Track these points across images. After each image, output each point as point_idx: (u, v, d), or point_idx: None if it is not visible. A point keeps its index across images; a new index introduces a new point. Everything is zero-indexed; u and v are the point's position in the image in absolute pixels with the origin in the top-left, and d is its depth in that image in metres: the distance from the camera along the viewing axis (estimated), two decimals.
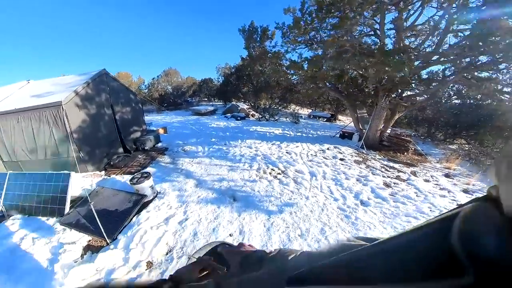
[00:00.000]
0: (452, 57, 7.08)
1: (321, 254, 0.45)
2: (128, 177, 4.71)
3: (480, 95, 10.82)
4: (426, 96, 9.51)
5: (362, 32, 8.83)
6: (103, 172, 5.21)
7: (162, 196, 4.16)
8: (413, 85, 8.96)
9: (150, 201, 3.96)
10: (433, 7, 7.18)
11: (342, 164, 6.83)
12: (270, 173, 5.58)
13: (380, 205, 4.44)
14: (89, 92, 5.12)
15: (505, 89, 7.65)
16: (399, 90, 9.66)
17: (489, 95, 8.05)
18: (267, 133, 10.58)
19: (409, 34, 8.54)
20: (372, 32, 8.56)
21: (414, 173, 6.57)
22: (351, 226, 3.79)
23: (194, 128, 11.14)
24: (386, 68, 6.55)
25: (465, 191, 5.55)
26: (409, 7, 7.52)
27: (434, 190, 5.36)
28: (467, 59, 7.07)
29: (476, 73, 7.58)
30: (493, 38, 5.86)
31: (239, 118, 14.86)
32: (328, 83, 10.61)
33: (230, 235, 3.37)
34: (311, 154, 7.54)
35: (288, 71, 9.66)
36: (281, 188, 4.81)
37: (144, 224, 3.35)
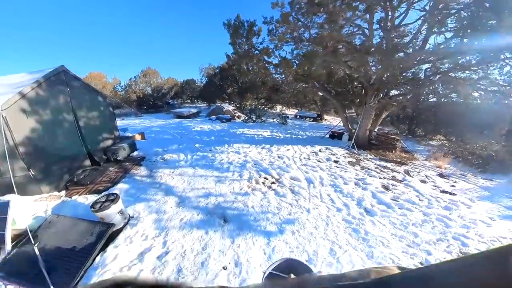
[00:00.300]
0: (437, 57, 7.25)
1: None
2: (95, 197, 3.89)
3: (461, 94, 11.37)
4: (409, 95, 9.71)
5: (349, 31, 8.63)
6: (63, 192, 4.29)
7: (135, 222, 3.37)
8: (403, 84, 9.04)
9: (120, 230, 3.17)
10: (416, 9, 7.33)
11: (337, 167, 6.49)
12: (263, 183, 4.96)
13: (386, 213, 4.07)
14: (41, 94, 4.19)
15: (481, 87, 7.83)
16: (386, 90, 9.71)
17: (467, 94, 8.30)
18: (255, 136, 9.97)
19: (393, 35, 8.41)
20: (360, 32, 8.35)
21: (407, 173, 6.53)
22: (363, 243, 3.30)
23: (175, 133, 10.27)
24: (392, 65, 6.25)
25: (470, 200, 5.29)
26: (397, 9, 7.50)
27: (436, 194, 5.12)
28: (451, 60, 7.26)
29: (459, 73, 7.79)
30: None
31: (224, 120, 14.11)
32: (317, 83, 10.26)
33: (224, 268, 2.71)
34: (304, 158, 7.06)
35: (276, 70, 9.17)
36: (278, 201, 4.21)
37: (112, 265, 2.59)
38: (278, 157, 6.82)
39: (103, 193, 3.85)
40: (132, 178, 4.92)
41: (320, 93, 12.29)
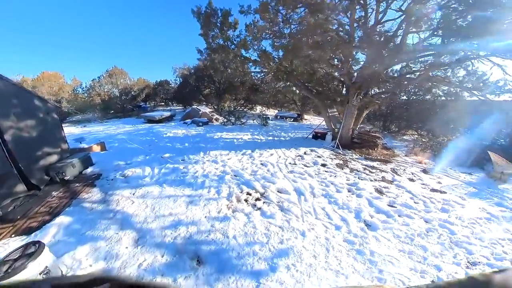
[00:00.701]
0: (416, 56, 7.37)
1: None
2: (24, 240, 2.89)
3: (431, 92, 11.99)
4: (389, 94, 9.85)
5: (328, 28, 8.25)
6: None
7: None
8: (385, 82, 9.05)
9: None
10: (392, 9, 7.44)
11: (325, 171, 5.98)
12: (246, 200, 4.18)
13: (388, 224, 3.66)
14: None
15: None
16: (368, 88, 9.65)
17: (441, 91, 8.59)
18: (235, 140, 9.16)
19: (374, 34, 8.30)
20: (341, 29, 7.98)
21: (395, 171, 6.46)
22: (370, 267, 2.79)
23: (143, 140, 9.13)
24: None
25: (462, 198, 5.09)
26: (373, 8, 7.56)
27: (428, 194, 5.00)
28: (431, 58, 7.42)
29: (436, 72, 7.99)
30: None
31: (200, 124, 13.08)
32: (298, 82, 9.72)
33: None
34: (290, 163, 6.42)
35: (255, 66, 8.41)
36: (266, 225, 3.46)
37: None
38: (261, 164, 6.09)
39: (30, 236, 2.82)
40: (80, 205, 3.86)
41: (301, 92, 11.96)
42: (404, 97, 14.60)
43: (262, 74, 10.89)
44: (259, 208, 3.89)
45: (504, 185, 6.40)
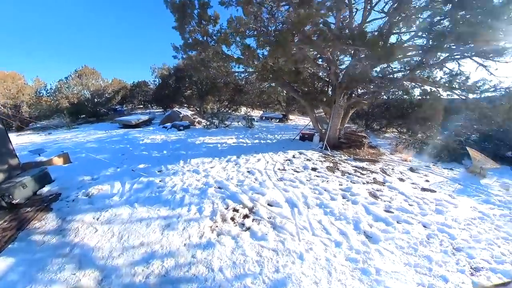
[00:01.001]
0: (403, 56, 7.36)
1: None
2: None
3: (417, 91, 12.34)
4: (374, 93, 9.87)
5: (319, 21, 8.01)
6: None
7: None
8: (371, 82, 9.03)
9: None
10: (375, 10, 7.53)
11: (317, 176, 5.64)
12: (233, 219, 3.67)
13: (388, 234, 3.42)
14: None
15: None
16: (355, 88, 9.60)
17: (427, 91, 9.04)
18: (219, 145, 8.59)
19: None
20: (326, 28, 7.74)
21: (384, 172, 6.46)
22: None
23: (116, 149, 8.30)
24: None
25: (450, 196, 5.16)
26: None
27: (420, 194, 4.97)
28: (416, 59, 7.39)
29: (420, 72, 8.08)
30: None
31: (181, 128, 12.31)
32: (284, 82, 9.33)
33: None
34: (279, 169, 6.00)
35: (238, 67, 7.85)
36: (258, 250, 2.98)
37: None
38: (248, 172, 5.60)
39: None
40: (28, 239, 3.14)
41: (287, 93, 11.72)
42: (384, 97, 15.07)
43: (246, 74, 10.42)
44: (248, 228, 3.40)
45: (485, 180, 6.69)
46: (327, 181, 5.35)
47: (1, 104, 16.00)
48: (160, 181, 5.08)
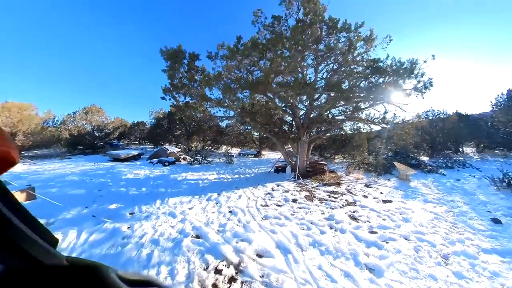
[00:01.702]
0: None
1: None
2: None
3: (343, 129, 13.24)
4: (328, 130, 10.23)
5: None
6: None
7: None
8: (324, 122, 9.42)
9: None
10: (307, 65, 7.92)
11: (299, 208, 4.54)
12: (215, 286, 2.16)
13: (386, 260, 2.67)
14: None
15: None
16: (314, 128, 9.77)
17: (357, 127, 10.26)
18: (200, 181, 6.95)
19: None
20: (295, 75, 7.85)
21: (350, 192, 6.00)
22: None
23: (96, 183, 6.20)
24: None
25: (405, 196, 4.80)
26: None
27: (384, 207, 4.71)
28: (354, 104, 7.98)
29: (358, 113, 8.73)
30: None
31: (167, 164, 10.41)
32: (259, 124, 8.70)
33: None
34: (261, 205, 4.64)
35: (219, 110, 7.02)
36: None
37: None
38: (230, 212, 4.12)
39: None
40: None
41: (261, 133, 11.50)
42: (332, 133, 16.24)
43: (228, 122, 10.00)
44: None
45: (412, 183, 6.96)
46: (310, 212, 4.29)
47: None
48: (128, 228, 3.35)
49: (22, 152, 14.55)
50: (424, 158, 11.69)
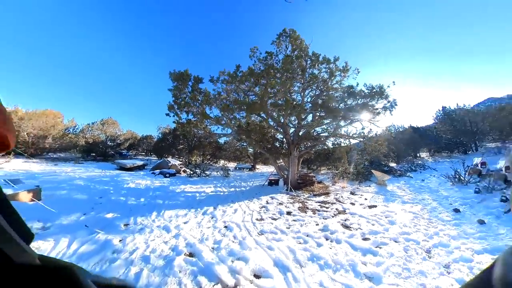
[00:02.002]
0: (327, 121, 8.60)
1: None
2: None
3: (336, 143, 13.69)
4: (314, 146, 10.70)
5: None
6: None
7: None
8: (311, 139, 9.70)
9: None
10: (291, 92, 8.26)
11: (294, 220, 4.23)
12: None
13: (382, 266, 2.50)
14: None
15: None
16: (303, 144, 9.93)
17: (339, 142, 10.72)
18: (197, 194, 6.50)
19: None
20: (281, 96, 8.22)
21: (338, 200, 5.85)
22: None
23: (99, 190, 5.68)
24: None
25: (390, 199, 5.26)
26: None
27: (371, 212, 4.60)
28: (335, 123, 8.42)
29: (339, 130, 9.03)
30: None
31: (167, 175, 9.94)
32: (253, 140, 8.70)
33: None
34: (257, 219, 4.30)
35: (217, 128, 7.01)
36: None
37: None
38: (225, 228, 3.75)
39: None
40: None
41: (256, 149, 11.61)
42: (318, 147, 16.83)
43: (226, 138, 10.05)
44: None
45: (389, 187, 7.01)
46: (305, 223, 4.01)
47: (27, 133, 13.00)
48: (120, 241, 2.96)
49: (49, 154, 14.94)
50: (393, 164, 12.35)
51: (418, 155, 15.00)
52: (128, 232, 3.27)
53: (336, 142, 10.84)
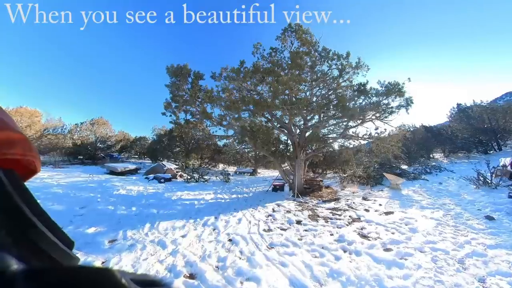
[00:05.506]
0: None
1: None
2: None
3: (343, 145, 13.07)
4: (322, 148, 9.80)
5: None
6: None
7: None
8: (317, 141, 8.93)
9: None
10: (300, 90, 7.72)
11: (305, 230, 3.85)
12: None
13: (410, 279, 2.27)
14: None
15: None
16: (309, 146, 9.49)
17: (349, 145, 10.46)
18: (196, 202, 6.02)
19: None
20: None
21: (351, 207, 5.50)
22: None
23: (83, 198, 5.19)
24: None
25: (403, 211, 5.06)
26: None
27: (389, 219, 4.31)
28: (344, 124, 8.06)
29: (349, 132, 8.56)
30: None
31: (162, 180, 9.42)
32: (258, 143, 8.30)
33: None
34: (264, 230, 3.88)
35: (219, 128, 6.59)
36: None
37: None
38: (229, 241, 3.31)
39: None
40: None
41: (254, 152, 11.17)
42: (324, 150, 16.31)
43: (227, 141, 9.64)
44: None
45: (403, 191, 6.62)
46: (318, 234, 3.65)
47: None
48: (102, 263, 2.51)
49: None
50: (404, 167, 11.80)
51: (431, 156, 14.40)
52: (113, 251, 2.80)
53: (343, 144, 10.46)
